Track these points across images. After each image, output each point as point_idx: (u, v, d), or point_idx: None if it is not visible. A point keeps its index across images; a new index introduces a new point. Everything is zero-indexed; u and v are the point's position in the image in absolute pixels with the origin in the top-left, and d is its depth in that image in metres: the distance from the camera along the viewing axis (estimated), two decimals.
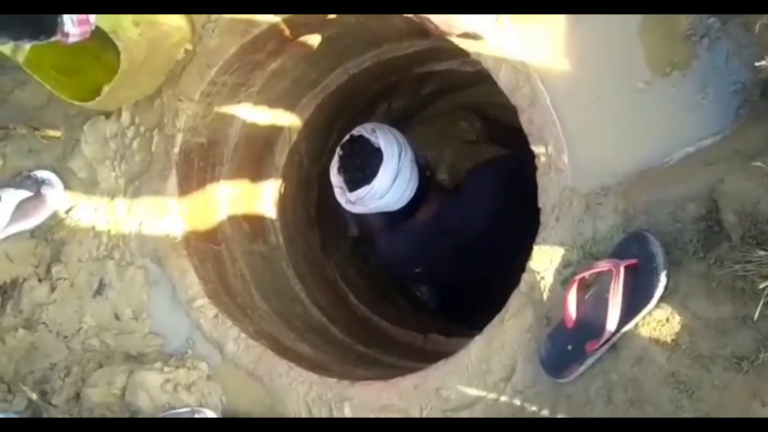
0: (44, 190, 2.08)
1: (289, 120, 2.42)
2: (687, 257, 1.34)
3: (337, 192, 2.01)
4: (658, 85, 1.46)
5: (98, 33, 1.69)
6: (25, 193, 2.06)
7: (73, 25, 1.31)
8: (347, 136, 2.02)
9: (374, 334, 2.55)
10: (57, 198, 2.11)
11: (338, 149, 2.02)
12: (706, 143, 1.40)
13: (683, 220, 1.36)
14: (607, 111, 1.51)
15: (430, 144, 3.01)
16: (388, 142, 1.94)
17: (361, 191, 1.93)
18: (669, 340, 1.31)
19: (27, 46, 1.80)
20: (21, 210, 2.07)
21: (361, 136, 1.97)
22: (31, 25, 1.29)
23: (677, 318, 1.31)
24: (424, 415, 1.67)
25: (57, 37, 1.34)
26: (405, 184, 1.95)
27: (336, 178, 2.00)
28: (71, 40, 1.37)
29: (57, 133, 2.11)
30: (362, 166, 1.94)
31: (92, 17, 1.29)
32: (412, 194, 1.99)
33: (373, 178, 1.90)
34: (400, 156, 1.93)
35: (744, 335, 1.23)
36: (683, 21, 1.43)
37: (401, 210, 2.03)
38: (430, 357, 1.79)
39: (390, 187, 1.91)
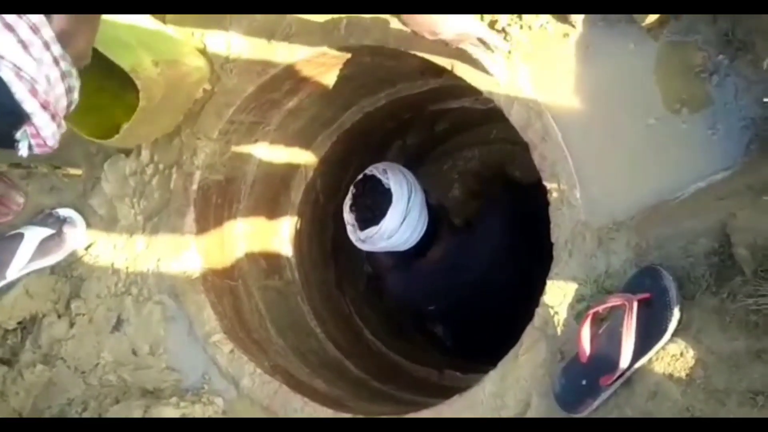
0: (66, 228, 2.11)
1: (305, 157, 2.45)
2: (700, 291, 1.34)
3: (349, 229, 2.03)
4: (668, 122, 1.47)
5: (118, 72, 1.74)
6: (47, 231, 2.09)
7: (29, 149, 1.28)
8: (361, 175, 2.04)
9: (389, 370, 2.55)
10: (79, 237, 2.13)
11: (352, 187, 2.04)
12: (717, 178, 1.41)
13: (696, 255, 1.36)
14: (619, 147, 1.53)
15: (444, 181, 3.03)
16: (398, 183, 1.96)
17: (370, 231, 1.94)
18: (683, 374, 1.31)
19: None
20: (43, 248, 2.10)
21: (373, 176, 2.00)
22: None
23: (691, 352, 1.31)
24: None
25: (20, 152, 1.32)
26: (413, 225, 1.96)
27: (348, 216, 2.02)
28: (35, 151, 1.34)
29: (78, 171, 2.15)
30: (372, 206, 1.96)
31: (51, 142, 1.27)
32: (421, 235, 2.00)
33: (382, 219, 1.92)
34: (409, 198, 1.95)
35: (759, 370, 1.23)
36: (694, 57, 1.45)
37: (411, 250, 2.04)
38: (445, 393, 1.79)
39: (398, 228, 1.93)
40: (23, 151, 1.22)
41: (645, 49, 1.50)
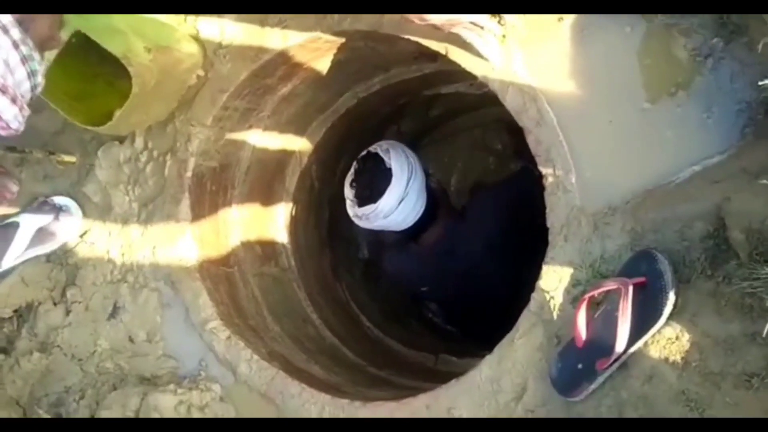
0: (63, 217, 2.11)
1: (299, 143, 2.45)
2: (695, 275, 1.34)
3: (348, 204, 2.05)
4: (663, 105, 1.47)
5: (111, 59, 1.73)
6: (43, 220, 2.09)
7: None
8: (364, 152, 2.05)
9: (386, 356, 2.56)
10: (75, 225, 2.14)
11: (354, 162, 2.05)
12: (712, 162, 1.41)
13: (691, 239, 1.36)
14: (614, 131, 1.53)
15: (439, 166, 3.03)
16: (399, 164, 1.96)
17: (367, 208, 1.95)
18: (679, 358, 1.31)
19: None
20: (39, 236, 2.10)
21: (376, 154, 2.00)
22: None
23: (686, 336, 1.31)
24: None
25: None
26: (410, 207, 1.97)
27: (348, 191, 2.04)
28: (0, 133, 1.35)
29: (72, 159, 2.14)
30: (371, 184, 1.97)
31: (14, 125, 1.28)
32: (418, 217, 2.01)
33: (379, 197, 1.93)
34: (408, 180, 1.95)
35: (753, 352, 1.24)
36: (689, 41, 1.45)
37: (407, 230, 2.05)
38: (441, 377, 1.79)
39: (395, 209, 1.94)
40: None
41: (640, 32, 1.49)
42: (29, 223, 2.09)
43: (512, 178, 2.61)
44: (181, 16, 1.96)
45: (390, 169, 1.95)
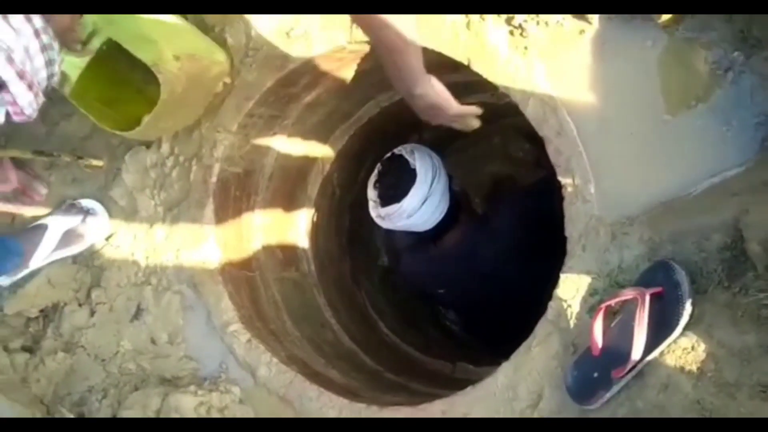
0: (89, 219, 2.15)
1: (322, 151, 2.48)
2: (712, 286, 1.35)
3: (370, 205, 2.08)
4: (683, 118, 1.49)
5: (140, 66, 1.77)
6: (71, 222, 2.13)
7: (6, 116, 1.31)
8: (389, 153, 2.08)
9: (403, 362, 2.58)
10: (102, 228, 2.17)
11: (378, 164, 2.08)
12: (731, 174, 1.42)
13: (708, 250, 1.38)
14: (634, 142, 1.54)
15: (459, 175, 3.04)
16: (424, 165, 1.99)
17: (390, 208, 1.99)
18: (694, 368, 1.32)
19: (74, 78, 1.88)
20: (66, 238, 2.14)
21: (400, 155, 2.03)
22: None
23: (702, 346, 1.32)
24: None
25: None
26: (433, 208, 2.00)
27: (371, 192, 2.07)
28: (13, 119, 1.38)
29: (100, 163, 2.18)
30: (395, 184, 2.00)
31: (28, 111, 1.28)
32: (440, 218, 2.04)
33: (403, 197, 1.96)
34: (433, 180, 1.99)
35: None
36: (709, 55, 1.46)
37: (429, 231, 2.08)
38: (458, 385, 1.80)
39: (418, 209, 1.97)
40: (0, 117, 1.27)
41: (660, 46, 1.51)
42: (57, 225, 2.13)
43: (533, 185, 2.63)
44: (210, 25, 2.00)
45: (414, 170, 1.98)
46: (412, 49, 1.46)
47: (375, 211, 2.06)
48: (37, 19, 1.22)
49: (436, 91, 1.60)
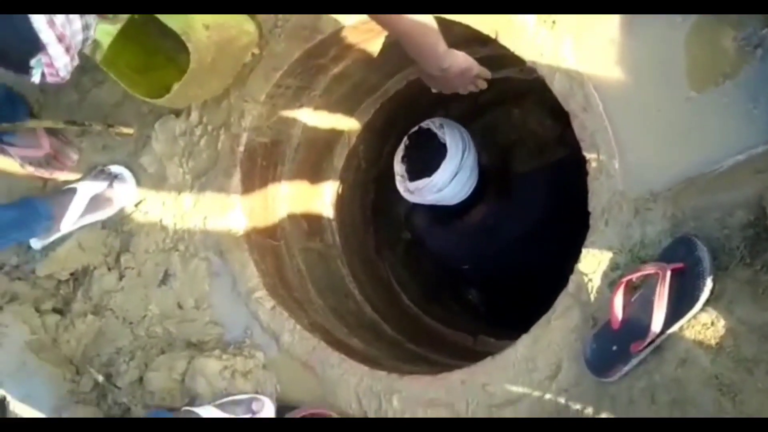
0: (117, 184, 2.19)
1: (348, 123, 2.49)
2: (734, 263, 1.36)
3: (397, 180, 2.07)
4: (709, 95, 1.48)
5: (171, 35, 1.79)
6: (99, 187, 2.18)
7: (42, 77, 1.33)
8: (416, 127, 2.07)
9: (425, 333, 2.60)
10: (129, 193, 2.21)
11: (405, 138, 2.08)
12: (756, 152, 1.42)
13: (731, 226, 1.38)
14: (659, 118, 1.54)
15: (485, 151, 3.04)
16: (454, 139, 1.99)
17: (421, 183, 1.99)
18: (713, 343, 1.33)
19: (105, 45, 1.90)
20: (95, 202, 2.19)
21: (428, 129, 2.03)
22: (5, 64, 1.30)
23: (722, 322, 1.33)
24: (470, 410, 1.71)
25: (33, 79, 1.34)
26: (464, 182, 2.01)
27: (399, 166, 2.07)
28: (48, 80, 1.36)
29: (130, 131, 2.22)
30: (425, 158, 2.00)
31: (63, 73, 1.31)
32: (469, 192, 2.04)
33: (434, 172, 1.96)
34: (463, 154, 1.99)
35: None
36: (738, 30, 1.45)
37: (456, 206, 2.08)
38: (479, 357, 1.82)
39: (449, 183, 1.97)
40: (36, 77, 1.30)
41: (689, 22, 1.50)
42: (85, 189, 2.18)
43: (558, 162, 2.63)
44: None
45: (444, 144, 1.98)
46: (430, 30, 1.55)
47: (403, 185, 2.07)
48: None
49: (459, 58, 1.71)
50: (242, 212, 2.12)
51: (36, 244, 2.22)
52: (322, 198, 2.54)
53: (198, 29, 1.81)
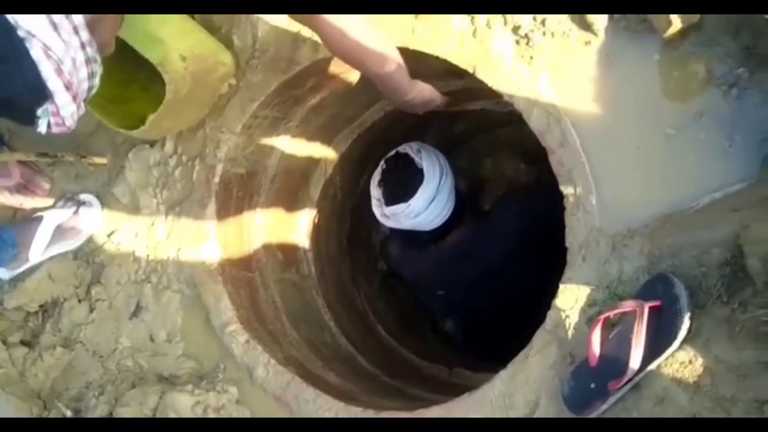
0: (83, 210, 2.16)
1: (325, 153, 2.48)
2: (711, 301, 1.36)
3: (374, 204, 2.06)
4: (686, 132, 1.49)
5: (146, 65, 1.78)
6: (65, 214, 2.14)
7: (48, 127, 1.32)
8: (393, 152, 2.07)
9: (401, 366, 2.58)
10: (95, 219, 2.18)
11: (382, 162, 2.07)
12: (732, 190, 1.43)
13: (708, 264, 1.38)
14: (637, 155, 1.54)
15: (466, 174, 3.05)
16: (431, 164, 1.99)
17: (397, 208, 1.98)
18: (691, 381, 1.33)
19: None
20: (61, 231, 2.15)
21: (406, 154, 2.02)
22: (11, 114, 1.29)
23: (699, 360, 1.33)
24: None
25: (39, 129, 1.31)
26: (440, 207, 2.00)
27: (375, 190, 2.05)
28: (53, 130, 1.38)
29: (103, 160, 2.19)
30: (402, 183, 1.99)
31: (69, 122, 1.29)
32: (446, 218, 2.03)
33: (411, 197, 1.95)
34: (440, 180, 1.98)
35: (766, 380, 1.25)
36: (714, 70, 1.47)
37: (432, 231, 2.07)
38: (455, 390, 1.81)
39: (425, 208, 1.96)
40: (42, 128, 1.27)
41: (666, 59, 1.51)
42: (51, 218, 2.15)
43: (537, 191, 2.63)
44: (216, 26, 2.01)
45: (421, 170, 1.97)
46: (395, 67, 1.67)
47: (379, 209, 2.05)
48: (84, 33, 1.24)
49: (422, 89, 1.85)
50: (217, 243, 2.09)
51: (4, 274, 2.17)
52: (297, 228, 2.52)
53: (174, 60, 1.79)
